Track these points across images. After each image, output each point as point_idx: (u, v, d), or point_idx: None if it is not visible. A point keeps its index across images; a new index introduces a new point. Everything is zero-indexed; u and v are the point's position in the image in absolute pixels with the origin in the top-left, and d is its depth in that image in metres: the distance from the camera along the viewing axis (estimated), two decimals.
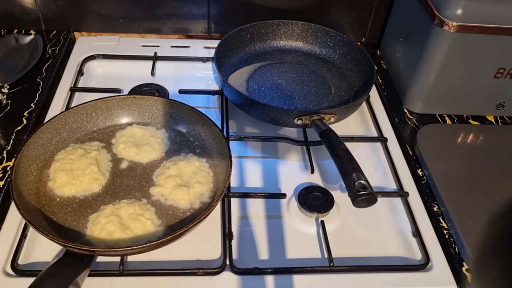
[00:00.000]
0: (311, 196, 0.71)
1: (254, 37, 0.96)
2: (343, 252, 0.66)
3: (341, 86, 0.90)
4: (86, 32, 1.02)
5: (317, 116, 0.75)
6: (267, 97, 0.86)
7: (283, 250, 0.66)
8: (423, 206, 0.72)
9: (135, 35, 1.03)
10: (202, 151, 0.74)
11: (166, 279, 0.61)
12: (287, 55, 0.97)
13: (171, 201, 0.67)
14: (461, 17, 0.75)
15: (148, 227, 0.63)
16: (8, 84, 0.85)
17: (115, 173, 0.71)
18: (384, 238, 0.70)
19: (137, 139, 0.75)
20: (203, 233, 0.66)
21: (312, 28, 0.96)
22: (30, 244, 0.64)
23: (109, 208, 0.64)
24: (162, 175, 0.69)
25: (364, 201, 0.60)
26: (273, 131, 0.83)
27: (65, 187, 0.67)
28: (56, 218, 0.64)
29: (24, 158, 0.66)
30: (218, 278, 0.61)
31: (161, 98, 0.77)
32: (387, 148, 0.82)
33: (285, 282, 0.62)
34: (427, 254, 0.66)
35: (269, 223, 0.70)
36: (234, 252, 0.64)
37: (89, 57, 0.95)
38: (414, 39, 0.87)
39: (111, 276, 0.60)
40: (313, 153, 0.78)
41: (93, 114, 0.75)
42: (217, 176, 0.71)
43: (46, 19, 0.98)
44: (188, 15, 1.00)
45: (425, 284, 0.63)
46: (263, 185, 0.75)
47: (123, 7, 0.98)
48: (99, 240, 0.61)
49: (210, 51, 0.98)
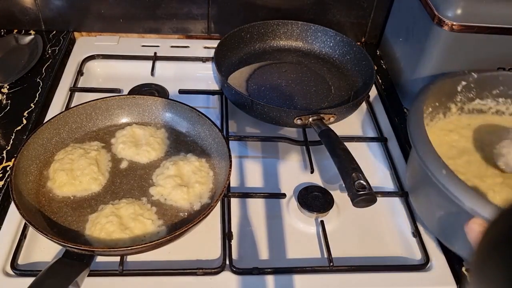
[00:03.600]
0: (311, 196, 0.71)
1: (254, 37, 0.96)
2: (342, 252, 0.66)
3: (341, 86, 0.90)
4: (86, 32, 1.02)
5: (316, 116, 0.75)
6: (267, 97, 0.86)
7: (283, 250, 0.66)
8: None
9: (135, 35, 1.03)
10: (201, 151, 0.74)
11: (165, 279, 0.61)
12: (287, 55, 0.97)
13: (171, 201, 0.67)
14: (460, 17, 0.75)
15: (148, 227, 0.63)
16: (8, 84, 0.85)
17: (115, 173, 0.71)
18: (384, 238, 0.70)
19: (137, 139, 0.75)
20: (203, 233, 0.66)
21: (312, 28, 0.96)
22: (30, 244, 0.64)
23: (108, 208, 0.64)
24: (161, 175, 0.69)
25: (364, 201, 0.60)
26: (273, 131, 0.83)
27: (64, 187, 0.67)
28: (56, 218, 0.64)
29: (24, 158, 0.66)
30: (217, 278, 0.61)
31: (161, 98, 0.77)
32: (387, 148, 0.82)
33: (285, 282, 0.62)
34: (427, 254, 0.66)
35: (269, 223, 0.70)
36: (233, 252, 0.64)
37: (89, 57, 0.95)
38: (414, 39, 0.87)
39: (110, 276, 0.60)
40: (313, 153, 0.78)
41: (92, 114, 0.75)
42: (216, 176, 0.71)
43: (46, 19, 0.98)
44: (188, 15, 1.00)
45: (425, 284, 0.63)
46: (263, 185, 0.75)
47: (123, 7, 0.98)
48: (99, 240, 0.61)
49: (210, 51, 0.98)
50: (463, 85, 0.73)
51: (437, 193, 0.59)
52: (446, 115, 0.75)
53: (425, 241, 0.68)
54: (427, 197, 0.65)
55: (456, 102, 0.75)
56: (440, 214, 0.62)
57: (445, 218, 0.61)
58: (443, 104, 0.73)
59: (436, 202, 0.62)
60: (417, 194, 0.69)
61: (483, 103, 0.75)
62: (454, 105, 0.75)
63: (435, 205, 0.63)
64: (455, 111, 0.75)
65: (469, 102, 0.75)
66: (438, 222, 0.64)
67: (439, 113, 0.74)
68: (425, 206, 0.67)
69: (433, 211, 0.64)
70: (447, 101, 0.74)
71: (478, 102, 0.75)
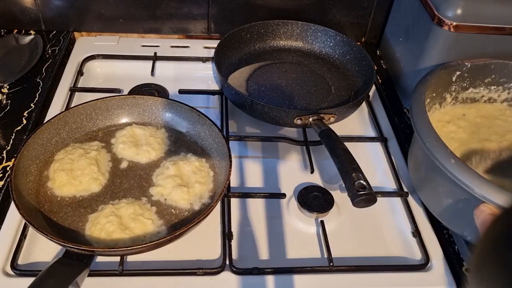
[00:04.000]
0: (311, 196, 0.71)
1: (254, 37, 0.96)
2: (342, 252, 0.66)
3: (341, 86, 0.90)
4: (86, 32, 1.02)
5: (316, 116, 0.75)
6: (267, 97, 0.86)
7: (283, 250, 0.66)
8: (422, 206, 0.72)
9: (135, 35, 1.03)
10: (202, 151, 0.74)
11: (165, 279, 0.61)
12: (287, 55, 0.97)
13: (171, 201, 0.67)
14: (460, 17, 0.75)
15: (148, 227, 0.63)
16: (8, 84, 0.85)
17: (115, 173, 0.71)
18: (384, 238, 0.70)
19: (137, 139, 0.75)
20: (203, 233, 0.66)
21: (312, 28, 0.96)
22: (30, 244, 0.64)
23: (108, 208, 0.64)
24: (161, 175, 0.69)
25: (364, 201, 0.60)
26: (273, 131, 0.83)
27: (64, 187, 0.67)
28: (56, 218, 0.64)
29: (24, 158, 0.66)
30: (217, 278, 0.61)
31: (161, 98, 0.77)
32: (387, 148, 0.82)
33: (285, 282, 0.62)
34: (427, 254, 0.66)
35: (269, 223, 0.70)
36: (234, 252, 0.64)
37: (89, 57, 0.95)
38: (414, 39, 0.87)
39: (110, 276, 0.60)
40: (313, 153, 0.78)
41: (92, 114, 0.75)
42: (217, 176, 0.71)
43: (46, 19, 0.98)
44: (188, 15, 1.00)
45: (425, 284, 0.63)
46: (263, 185, 0.75)
47: (123, 7, 0.98)
48: (99, 240, 0.61)
49: (210, 51, 0.98)
50: (457, 75, 0.74)
51: (446, 182, 0.60)
52: (442, 105, 0.77)
53: (425, 241, 0.68)
54: (434, 187, 0.65)
55: (451, 92, 0.76)
56: (449, 202, 0.63)
57: (454, 205, 0.62)
58: (439, 94, 0.75)
59: (444, 191, 0.63)
60: (423, 185, 0.69)
61: (476, 91, 0.77)
62: (449, 95, 0.76)
63: (443, 193, 0.63)
64: (449, 101, 0.77)
65: (463, 91, 0.77)
66: (447, 210, 0.64)
67: (435, 103, 0.75)
68: (432, 195, 0.67)
69: (441, 200, 0.64)
70: (443, 91, 0.75)
71: (472, 91, 0.77)
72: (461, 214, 0.62)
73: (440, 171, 0.58)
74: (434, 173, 0.63)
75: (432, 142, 0.60)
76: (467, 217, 0.57)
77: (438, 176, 0.62)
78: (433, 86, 0.71)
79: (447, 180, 0.58)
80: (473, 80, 0.76)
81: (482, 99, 0.78)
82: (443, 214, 0.66)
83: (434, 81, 0.71)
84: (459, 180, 0.56)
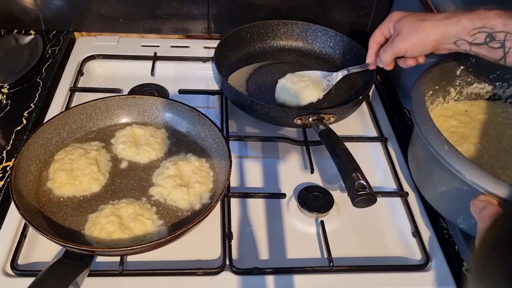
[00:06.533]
0: (311, 196, 0.71)
1: (254, 37, 0.96)
2: (342, 252, 0.66)
3: (341, 86, 0.90)
4: (86, 32, 1.02)
5: (316, 116, 0.75)
6: (267, 97, 0.86)
7: (283, 250, 0.66)
8: (422, 206, 0.72)
9: (135, 35, 1.03)
10: (201, 151, 0.74)
11: (165, 279, 0.61)
12: (287, 55, 0.97)
13: (171, 201, 0.67)
14: None
15: (148, 227, 0.63)
16: (8, 84, 0.85)
17: (115, 173, 0.71)
18: (384, 238, 0.70)
19: (137, 139, 0.75)
20: (203, 233, 0.66)
21: (312, 28, 0.96)
22: (30, 244, 0.64)
23: (108, 208, 0.64)
24: (161, 175, 0.69)
25: (364, 201, 0.60)
26: (273, 131, 0.83)
27: (64, 187, 0.67)
28: (56, 218, 0.64)
29: (24, 158, 0.66)
30: (217, 278, 0.61)
31: (161, 98, 0.77)
32: (387, 148, 0.82)
33: (285, 282, 0.62)
34: (427, 254, 0.66)
35: (269, 223, 0.70)
36: (234, 252, 0.64)
37: (89, 57, 0.95)
38: None
39: (110, 276, 0.60)
40: (313, 153, 0.78)
41: (93, 114, 0.75)
42: (217, 176, 0.71)
43: (46, 19, 0.98)
44: (188, 15, 1.00)
45: (425, 284, 0.63)
46: (263, 185, 0.75)
47: (123, 7, 0.98)
48: (99, 240, 0.61)
49: (210, 51, 0.98)
50: (461, 69, 0.74)
51: (440, 170, 0.61)
52: (446, 99, 0.77)
53: (425, 241, 0.68)
54: (430, 175, 0.66)
55: (455, 86, 0.76)
56: (443, 189, 0.63)
57: (448, 193, 0.63)
58: (443, 87, 0.75)
59: (439, 179, 0.63)
60: (420, 175, 0.70)
61: (481, 87, 0.77)
62: (454, 89, 0.76)
63: (438, 181, 0.64)
64: (454, 95, 0.77)
65: (467, 86, 0.77)
66: (441, 197, 0.65)
67: (439, 96, 0.75)
68: (428, 184, 0.68)
69: (436, 188, 0.65)
70: (447, 84, 0.75)
71: (476, 86, 0.77)
72: (454, 202, 0.63)
73: (435, 158, 0.59)
74: (429, 161, 0.64)
75: (428, 130, 0.61)
76: (460, 205, 0.58)
77: (432, 164, 0.63)
78: (436, 79, 0.71)
79: (440, 168, 0.59)
80: (478, 75, 0.76)
81: (487, 95, 0.78)
82: (438, 202, 0.67)
83: (437, 73, 0.71)
84: (451, 166, 0.57)
